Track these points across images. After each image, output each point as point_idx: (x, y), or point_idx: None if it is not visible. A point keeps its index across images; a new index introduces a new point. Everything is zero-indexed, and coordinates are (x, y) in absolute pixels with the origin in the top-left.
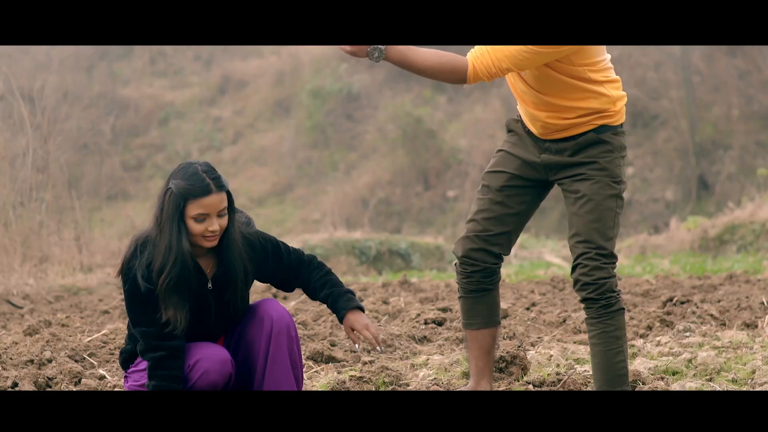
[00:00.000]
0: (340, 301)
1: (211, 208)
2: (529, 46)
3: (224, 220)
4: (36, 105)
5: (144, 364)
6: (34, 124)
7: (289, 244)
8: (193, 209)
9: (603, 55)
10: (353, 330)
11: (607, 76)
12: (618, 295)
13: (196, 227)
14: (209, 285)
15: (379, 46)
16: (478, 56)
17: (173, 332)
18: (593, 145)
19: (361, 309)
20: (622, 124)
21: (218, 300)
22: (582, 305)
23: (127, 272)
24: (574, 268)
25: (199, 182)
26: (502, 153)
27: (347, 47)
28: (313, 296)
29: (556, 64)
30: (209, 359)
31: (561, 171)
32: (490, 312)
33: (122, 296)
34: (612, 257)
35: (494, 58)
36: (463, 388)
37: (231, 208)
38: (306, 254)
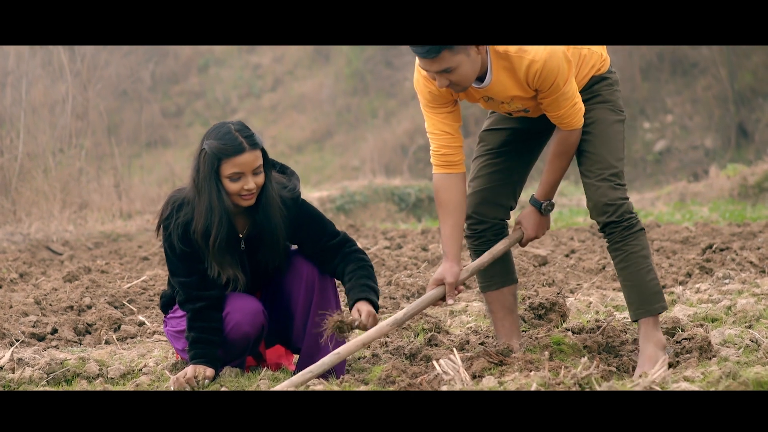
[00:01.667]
0: (353, 291)
1: (246, 167)
2: (571, 81)
3: (260, 178)
4: (75, 52)
5: (182, 311)
6: (74, 71)
7: (335, 224)
8: (228, 168)
9: None
10: (359, 313)
11: None
12: (636, 216)
13: (231, 186)
14: (242, 245)
15: (544, 203)
16: (571, 120)
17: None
18: (596, 83)
19: (371, 302)
20: (610, 68)
21: (252, 259)
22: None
23: (164, 230)
24: (589, 195)
25: (231, 141)
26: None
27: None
28: (342, 284)
29: None
30: (240, 311)
31: None
32: (505, 270)
33: (162, 244)
34: (623, 178)
35: (577, 109)
36: (496, 347)
37: (267, 166)
38: (349, 244)
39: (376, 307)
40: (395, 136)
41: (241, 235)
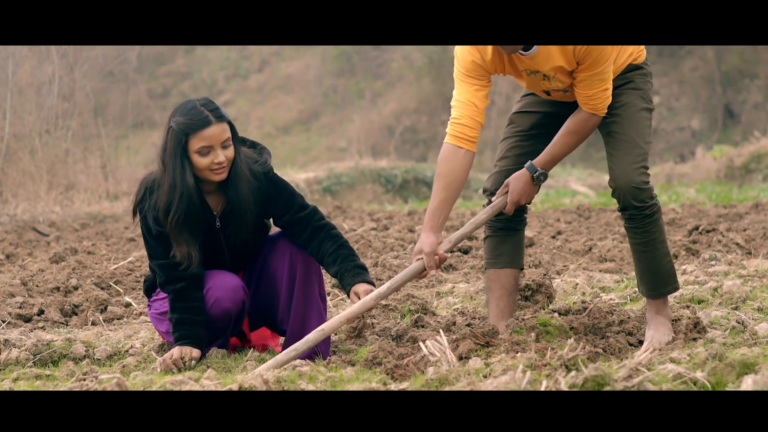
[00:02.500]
0: (347, 277)
1: (214, 140)
2: (607, 67)
3: (230, 152)
4: None
5: (164, 293)
6: (60, 52)
7: (309, 194)
8: (196, 143)
9: None
10: (358, 297)
11: None
12: (657, 199)
13: (201, 161)
14: (217, 223)
15: (538, 171)
16: (597, 104)
17: (189, 267)
18: (631, 71)
19: (368, 282)
20: (645, 60)
21: (228, 237)
22: (622, 221)
23: (140, 213)
24: (614, 176)
25: (197, 115)
26: (533, 95)
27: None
28: (324, 266)
29: None
30: (220, 287)
31: None
32: (515, 252)
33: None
34: (647, 161)
35: (607, 95)
36: (482, 329)
37: (235, 139)
38: (318, 216)
39: (373, 285)
40: (382, 117)
41: (215, 213)
